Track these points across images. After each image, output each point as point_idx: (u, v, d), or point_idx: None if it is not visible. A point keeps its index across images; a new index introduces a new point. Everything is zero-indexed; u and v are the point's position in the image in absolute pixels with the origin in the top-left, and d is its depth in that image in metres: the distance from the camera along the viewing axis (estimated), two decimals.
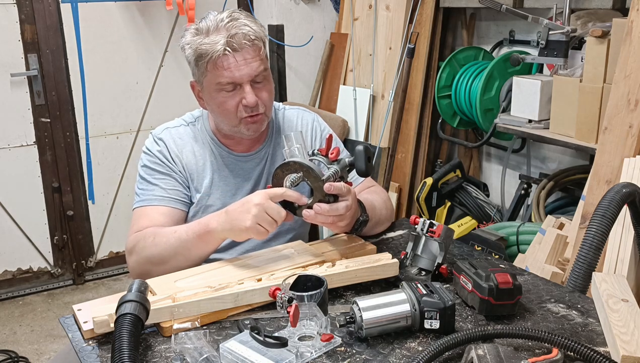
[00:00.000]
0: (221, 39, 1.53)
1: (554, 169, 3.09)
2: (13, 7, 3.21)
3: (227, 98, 1.59)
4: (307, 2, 3.90)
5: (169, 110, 3.48)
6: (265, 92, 1.62)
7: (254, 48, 1.57)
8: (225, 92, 1.58)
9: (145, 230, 1.59)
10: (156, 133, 1.72)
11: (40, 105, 3.38)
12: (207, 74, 1.58)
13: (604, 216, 1.42)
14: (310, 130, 1.81)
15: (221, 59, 1.54)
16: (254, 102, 1.58)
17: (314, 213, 1.43)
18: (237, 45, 1.54)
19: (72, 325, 1.31)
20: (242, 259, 1.50)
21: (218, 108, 1.61)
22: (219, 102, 1.60)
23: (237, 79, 1.56)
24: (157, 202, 1.65)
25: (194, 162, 1.70)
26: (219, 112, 1.63)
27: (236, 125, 1.63)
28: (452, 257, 1.59)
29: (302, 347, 1.17)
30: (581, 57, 2.52)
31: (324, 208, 1.42)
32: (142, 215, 1.64)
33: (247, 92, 1.57)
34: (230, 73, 1.55)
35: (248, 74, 1.56)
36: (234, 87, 1.58)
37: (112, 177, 3.66)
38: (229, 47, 1.53)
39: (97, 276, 3.73)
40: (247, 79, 1.57)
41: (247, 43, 1.55)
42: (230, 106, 1.59)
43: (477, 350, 1.07)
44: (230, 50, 1.53)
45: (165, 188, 1.66)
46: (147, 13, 3.53)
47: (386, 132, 3.45)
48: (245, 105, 1.58)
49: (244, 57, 1.55)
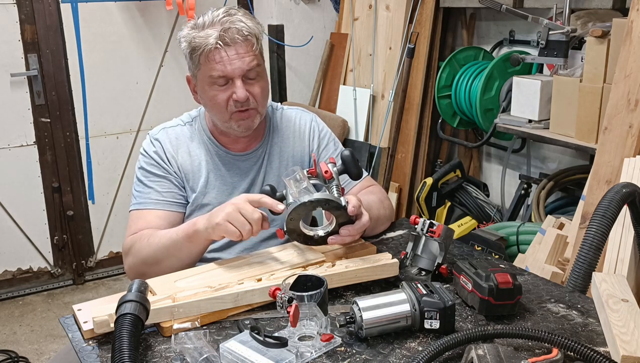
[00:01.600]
0: (214, 33, 1.55)
1: (554, 169, 3.09)
2: (13, 7, 3.21)
3: (218, 92, 1.60)
4: (307, 2, 3.90)
5: (169, 110, 3.49)
6: (257, 88, 1.63)
7: (247, 43, 1.58)
8: (217, 86, 1.60)
9: (141, 232, 1.60)
10: (153, 133, 1.73)
11: (40, 105, 3.38)
12: (201, 67, 1.60)
13: (604, 216, 1.42)
14: (308, 130, 1.82)
15: (213, 52, 1.56)
16: (244, 96, 1.59)
17: (340, 238, 1.45)
18: (230, 39, 1.56)
19: (72, 325, 1.31)
20: (242, 259, 1.50)
21: (210, 102, 1.63)
22: (211, 95, 1.61)
23: (228, 73, 1.58)
24: (152, 206, 1.66)
25: (189, 162, 1.70)
26: (210, 106, 1.64)
27: (227, 120, 1.64)
28: (452, 257, 1.59)
29: (302, 347, 1.17)
30: (581, 57, 2.52)
31: (352, 231, 1.45)
32: (138, 217, 1.65)
33: (237, 86, 1.58)
34: (222, 67, 1.57)
35: (240, 68, 1.58)
36: (226, 81, 1.59)
37: (112, 177, 3.66)
38: (221, 40, 1.55)
39: (97, 276, 3.73)
40: (238, 73, 1.58)
41: (239, 38, 1.57)
42: (220, 100, 1.60)
43: (477, 350, 1.07)
44: (222, 44, 1.55)
45: (161, 191, 1.67)
46: (147, 13, 3.53)
47: (386, 132, 3.45)
48: (236, 100, 1.59)
49: (237, 52, 1.57)
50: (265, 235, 1.73)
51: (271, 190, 1.48)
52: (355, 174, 1.52)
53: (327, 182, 1.47)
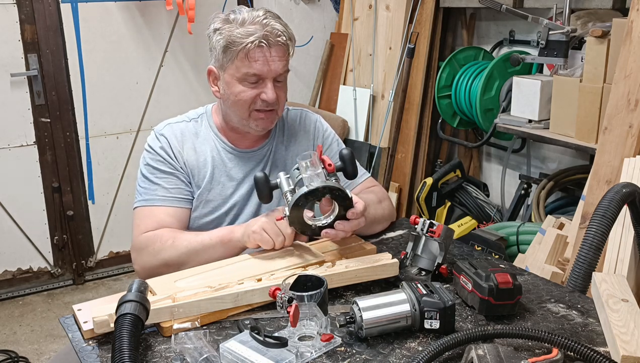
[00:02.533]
0: (257, 32, 1.56)
1: (554, 169, 3.09)
2: (13, 7, 3.21)
3: (247, 89, 1.61)
4: (307, 2, 3.91)
5: (169, 110, 3.49)
6: (282, 92, 1.66)
7: (285, 48, 1.61)
8: (248, 83, 1.61)
9: (160, 232, 1.60)
10: (158, 129, 1.73)
11: (40, 105, 3.37)
12: (235, 62, 1.60)
13: (604, 216, 1.42)
14: (313, 130, 1.84)
15: (254, 50, 1.57)
16: (273, 98, 1.61)
17: (334, 232, 1.47)
18: (273, 41, 1.58)
19: (72, 325, 1.31)
20: (242, 259, 1.50)
21: (235, 97, 1.63)
22: (237, 91, 1.62)
23: (263, 73, 1.59)
24: (160, 203, 1.65)
25: (195, 157, 1.71)
26: (233, 101, 1.64)
27: (246, 118, 1.65)
28: (452, 257, 1.59)
29: (302, 347, 1.17)
30: (581, 57, 2.52)
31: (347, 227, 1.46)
32: (147, 215, 1.65)
33: (268, 87, 1.61)
34: (259, 66, 1.58)
35: (275, 70, 1.60)
36: (257, 80, 1.61)
37: (112, 177, 3.65)
38: (265, 40, 1.56)
39: (97, 276, 3.73)
40: (272, 75, 1.61)
41: (280, 41, 1.59)
42: (247, 97, 1.62)
43: (477, 350, 1.07)
44: (265, 44, 1.56)
45: (168, 187, 1.67)
46: (147, 13, 3.52)
47: (386, 132, 3.45)
48: (264, 100, 1.62)
49: (276, 54, 1.59)
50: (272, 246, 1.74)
51: (264, 178, 1.49)
52: (351, 173, 1.53)
53: (329, 175, 1.47)
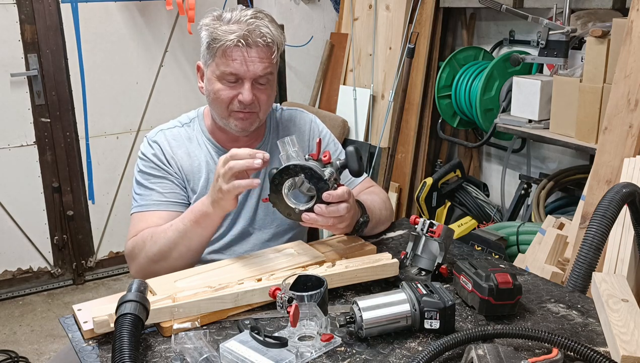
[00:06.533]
0: (237, 31, 1.55)
1: (554, 169, 3.09)
2: (13, 7, 3.21)
3: (225, 88, 1.60)
4: (307, 2, 3.91)
5: (168, 110, 3.49)
6: (264, 95, 1.63)
7: (267, 49, 1.59)
8: (226, 82, 1.60)
9: (142, 233, 1.60)
10: (150, 136, 1.72)
11: (40, 105, 3.38)
12: (215, 60, 1.59)
13: (604, 216, 1.42)
14: (308, 130, 1.82)
15: (231, 49, 1.56)
16: (249, 100, 1.59)
17: (314, 215, 1.41)
18: (252, 41, 1.56)
19: (72, 325, 1.31)
20: (242, 259, 1.50)
21: (213, 95, 1.63)
22: (216, 89, 1.61)
23: (241, 73, 1.58)
24: (155, 207, 1.65)
25: (189, 163, 1.70)
26: (213, 99, 1.64)
27: (226, 117, 1.64)
28: (452, 257, 1.59)
29: (302, 347, 1.17)
30: (581, 57, 2.52)
31: (324, 210, 1.41)
32: (140, 220, 1.64)
33: (245, 88, 1.59)
34: (237, 65, 1.57)
35: (252, 71, 1.58)
36: (236, 79, 1.59)
37: (112, 177, 3.66)
38: (243, 40, 1.55)
39: (97, 276, 3.73)
40: (250, 76, 1.58)
41: (261, 42, 1.57)
42: (224, 96, 1.61)
43: (477, 350, 1.07)
44: (243, 44, 1.55)
45: (163, 192, 1.66)
46: (147, 13, 3.53)
47: (386, 132, 3.45)
48: (240, 101, 1.60)
49: (256, 55, 1.57)
50: (266, 236, 1.74)
51: None
52: (356, 171, 1.48)
53: (324, 166, 1.46)
